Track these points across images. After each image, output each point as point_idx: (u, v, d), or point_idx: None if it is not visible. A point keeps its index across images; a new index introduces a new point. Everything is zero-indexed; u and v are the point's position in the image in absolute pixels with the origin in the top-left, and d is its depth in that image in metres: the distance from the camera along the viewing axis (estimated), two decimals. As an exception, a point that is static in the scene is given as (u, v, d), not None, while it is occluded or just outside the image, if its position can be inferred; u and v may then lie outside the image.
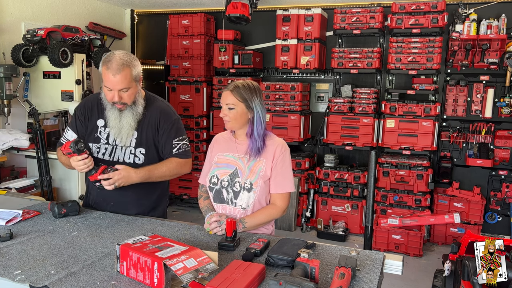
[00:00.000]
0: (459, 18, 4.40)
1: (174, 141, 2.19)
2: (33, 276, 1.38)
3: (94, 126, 2.20)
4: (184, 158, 2.22)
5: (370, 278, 1.43)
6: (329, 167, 4.82)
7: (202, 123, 5.37)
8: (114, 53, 2.04)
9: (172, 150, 2.19)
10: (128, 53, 2.08)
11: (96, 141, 2.20)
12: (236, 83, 1.98)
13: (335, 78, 5.16)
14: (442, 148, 4.76)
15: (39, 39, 3.81)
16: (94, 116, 2.21)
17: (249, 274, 1.34)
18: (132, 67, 2.02)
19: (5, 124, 3.99)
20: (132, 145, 2.17)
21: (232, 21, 4.50)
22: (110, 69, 1.97)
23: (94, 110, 2.21)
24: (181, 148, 2.20)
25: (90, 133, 2.21)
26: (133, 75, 2.03)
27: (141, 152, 2.17)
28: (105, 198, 2.20)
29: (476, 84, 4.54)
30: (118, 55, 2.02)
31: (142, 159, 2.17)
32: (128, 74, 2.00)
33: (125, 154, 2.17)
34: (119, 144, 2.16)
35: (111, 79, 1.98)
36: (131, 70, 2.01)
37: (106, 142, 2.18)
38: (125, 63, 1.99)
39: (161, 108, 2.22)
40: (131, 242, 1.46)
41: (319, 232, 4.63)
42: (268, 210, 1.99)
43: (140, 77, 2.12)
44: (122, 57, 2.01)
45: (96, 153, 2.20)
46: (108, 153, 2.19)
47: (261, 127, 1.98)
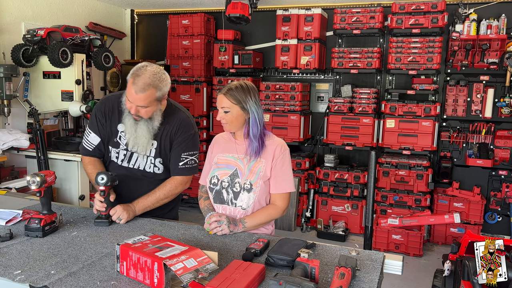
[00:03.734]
0: (459, 18, 4.40)
1: (183, 154, 2.15)
2: (33, 276, 1.38)
3: (114, 130, 2.15)
4: (187, 174, 2.18)
5: (370, 278, 1.43)
6: (329, 167, 4.82)
7: (202, 123, 5.37)
8: (146, 69, 1.97)
9: (179, 164, 2.15)
10: (160, 71, 2.00)
11: (116, 146, 2.16)
12: (230, 85, 1.96)
13: (335, 78, 5.16)
14: (442, 148, 4.76)
15: (39, 39, 3.81)
16: (114, 119, 2.15)
17: (249, 274, 1.34)
18: (157, 89, 1.96)
19: (5, 124, 3.99)
20: (152, 154, 2.15)
21: (232, 21, 4.50)
22: (135, 85, 1.93)
23: (115, 112, 2.15)
24: (188, 163, 2.16)
25: (109, 137, 2.17)
26: (156, 96, 1.97)
27: (160, 162, 2.16)
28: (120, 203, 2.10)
29: (476, 84, 4.54)
30: (148, 73, 1.95)
31: (161, 169, 2.17)
32: (151, 96, 1.95)
33: (146, 162, 2.16)
34: (141, 153, 2.13)
35: (133, 95, 1.94)
36: (155, 92, 1.96)
37: (125, 148, 2.15)
38: (152, 84, 1.93)
39: (181, 119, 2.17)
40: (131, 242, 1.46)
41: (319, 232, 4.63)
42: (268, 210, 1.99)
43: (165, 97, 2.05)
44: (151, 77, 1.94)
45: (115, 158, 2.18)
46: (127, 159, 2.16)
47: (256, 128, 1.96)
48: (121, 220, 1.97)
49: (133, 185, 2.17)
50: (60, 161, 3.88)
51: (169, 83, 2.05)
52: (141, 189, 2.14)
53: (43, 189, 1.82)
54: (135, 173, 2.18)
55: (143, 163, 2.16)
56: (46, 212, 1.82)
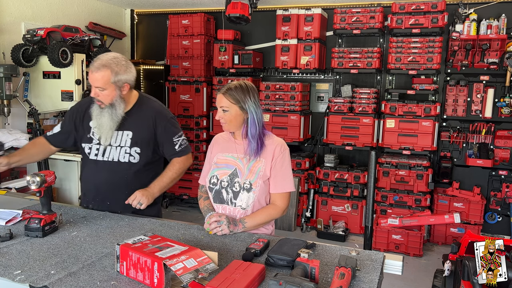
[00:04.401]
0: (459, 18, 4.40)
1: (174, 139, 2.26)
2: (33, 276, 1.38)
3: (87, 127, 2.25)
4: (185, 154, 2.30)
5: (370, 278, 1.43)
6: (329, 167, 4.82)
7: (202, 123, 5.37)
8: (108, 54, 2.11)
9: (175, 147, 2.26)
10: (120, 58, 2.11)
11: (89, 141, 2.25)
12: (229, 85, 1.97)
13: (335, 78, 5.16)
14: (442, 148, 4.76)
15: (39, 39, 3.81)
16: (87, 117, 2.25)
17: (249, 274, 1.34)
18: (113, 71, 2.05)
19: (5, 124, 3.99)
20: (127, 144, 2.20)
21: (232, 21, 4.50)
22: (93, 65, 2.06)
23: (88, 111, 2.24)
24: (182, 144, 2.28)
25: (83, 135, 2.26)
26: (111, 79, 2.05)
27: (136, 151, 2.21)
28: (103, 198, 2.23)
29: (476, 84, 4.53)
30: (107, 56, 2.09)
31: (137, 158, 2.22)
32: (106, 76, 2.04)
33: (120, 153, 2.21)
34: (104, 143, 2.20)
35: (90, 75, 2.07)
36: (110, 74, 2.04)
37: (98, 143, 2.23)
38: (106, 65, 2.04)
39: (155, 108, 2.28)
40: (131, 242, 1.46)
41: (319, 232, 4.63)
42: (268, 210, 1.99)
43: (126, 84, 2.12)
44: (108, 60, 2.06)
45: (88, 154, 2.25)
46: (101, 153, 2.23)
47: (255, 128, 1.96)
48: (141, 205, 2.08)
49: (109, 177, 2.23)
50: (60, 161, 3.88)
51: (131, 72, 2.14)
52: (116, 180, 2.21)
53: (43, 189, 1.82)
54: (110, 165, 2.22)
55: (116, 154, 2.21)
56: (46, 212, 1.82)
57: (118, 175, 2.21)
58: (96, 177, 2.24)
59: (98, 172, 2.23)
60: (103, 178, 2.22)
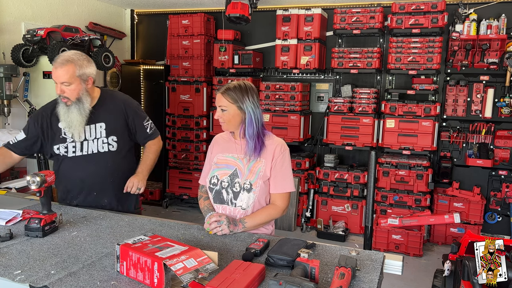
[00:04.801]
0: (459, 18, 4.40)
1: (144, 123, 2.45)
2: (33, 276, 1.38)
3: (57, 129, 2.30)
4: (156, 136, 2.51)
5: (370, 278, 1.43)
6: (329, 167, 4.82)
7: (202, 123, 5.37)
8: (69, 51, 2.24)
9: (147, 131, 2.46)
10: (81, 53, 2.23)
11: (63, 141, 2.29)
12: (228, 85, 1.98)
13: (335, 78, 5.16)
14: (442, 148, 4.76)
15: (39, 39, 3.81)
16: (54, 120, 2.30)
17: (249, 274, 1.34)
18: (77, 65, 2.15)
19: (5, 124, 3.99)
20: (103, 135, 2.31)
21: (232, 21, 4.50)
22: (56, 62, 2.14)
23: (53, 115, 2.29)
24: (152, 127, 2.49)
25: (54, 137, 2.30)
26: (76, 72, 2.14)
27: (114, 139, 2.33)
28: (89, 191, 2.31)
29: (476, 84, 4.53)
30: (67, 52, 2.19)
31: (115, 146, 2.33)
32: (71, 70, 2.13)
33: (98, 144, 2.29)
34: (78, 139, 2.26)
35: (55, 71, 2.14)
36: (75, 68, 2.14)
37: (72, 140, 2.28)
38: (70, 60, 2.13)
39: (121, 98, 2.45)
40: (131, 242, 1.46)
41: (319, 232, 4.63)
42: (268, 210, 1.99)
43: (90, 78, 2.22)
44: (70, 55, 2.16)
45: (65, 153, 2.29)
46: (79, 149, 2.28)
47: (252, 128, 1.96)
48: (140, 189, 2.29)
49: (93, 168, 2.30)
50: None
51: (93, 66, 2.25)
52: (100, 171, 2.31)
53: (43, 189, 1.82)
54: (91, 157, 2.30)
55: (95, 146, 2.30)
56: (46, 212, 1.82)
57: (101, 165, 2.31)
58: (80, 171, 2.29)
59: (81, 167, 2.29)
60: (87, 171, 2.29)
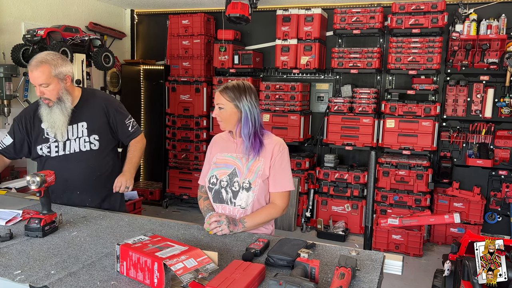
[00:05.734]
0: (459, 18, 4.40)
1: (126, 121, 2.46)
2: (33, 276, 1.38)
3: (40, 129, 2.31)
4: (138, 134, 2.51)
5: (370, 278, 1.43)
6: (329, 167, 4.82)
7: (202, 123, 5.37)
8: (42, 52, 2.23)
9: (129, 129, 2.47)
10: (55, 53, 2.23)
11: (45, 141, 2.31)
12: (227, 84, 2.00)
13: (335, 78, 5.16)
14: (442, 148, 4.76)
15: (39, 39, 3.81)
16: (37, 121, 2.31)
17: (249, 274, 1.34)
18: (51, 65, 2.15)
19: (5, 124, 3.99)
20: (85, 134, 2.32)
21: (232, 21, 4.50)
22: (30, 65, 2.15)
23: (36, 116, 2.30)
24: (134, 125, 2.50)
25: (37, 137, 2.32)
26: (52, 72, 2.15)
27: (95, 138, 2.35)
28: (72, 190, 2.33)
29: (476, 84, 4.54)
30: (40, 54, 2.19)
31: (97, 144, 2.35)
32: (46, 71, 2.13)
33: (80, 144, 2.31)
34: (61, 139, 2.28)
35: (30, 75, 2.15)
36: (50, 68, 2.14)
37: (55, 140, 2.30)
38: (44, 61, 2.14)
39: (103, 97, 2.47)
40: (131, 242, 1.46)
41: (319, 232, 4.63)
42: (267, 210, 1.99)
43: (67, 76, 2.24)
44: (43, 56, 2.16)
45: (48, 153, 2.31)
46: (61, 148, 2.30)
47: (247, 128, 1.97)
48: (128, 188, 2.30)
49: (75, 167, 2.32)
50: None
51: (69, 64, 2.26)
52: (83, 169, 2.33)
53: (43, 189, 1.82)
54: (74, 156, 2.33)
55: (77, 146, 2.32)
56: (46, 212, 1.82)
57: (84, 164, 2.33)
58: (63, 170, 2.28)
59: (64, 166, 2.30)
60: (70, 170, 2.31)
